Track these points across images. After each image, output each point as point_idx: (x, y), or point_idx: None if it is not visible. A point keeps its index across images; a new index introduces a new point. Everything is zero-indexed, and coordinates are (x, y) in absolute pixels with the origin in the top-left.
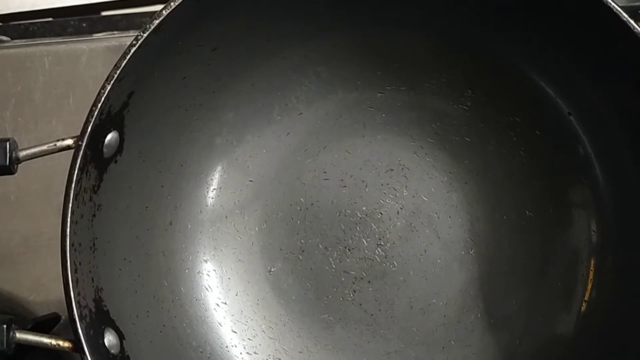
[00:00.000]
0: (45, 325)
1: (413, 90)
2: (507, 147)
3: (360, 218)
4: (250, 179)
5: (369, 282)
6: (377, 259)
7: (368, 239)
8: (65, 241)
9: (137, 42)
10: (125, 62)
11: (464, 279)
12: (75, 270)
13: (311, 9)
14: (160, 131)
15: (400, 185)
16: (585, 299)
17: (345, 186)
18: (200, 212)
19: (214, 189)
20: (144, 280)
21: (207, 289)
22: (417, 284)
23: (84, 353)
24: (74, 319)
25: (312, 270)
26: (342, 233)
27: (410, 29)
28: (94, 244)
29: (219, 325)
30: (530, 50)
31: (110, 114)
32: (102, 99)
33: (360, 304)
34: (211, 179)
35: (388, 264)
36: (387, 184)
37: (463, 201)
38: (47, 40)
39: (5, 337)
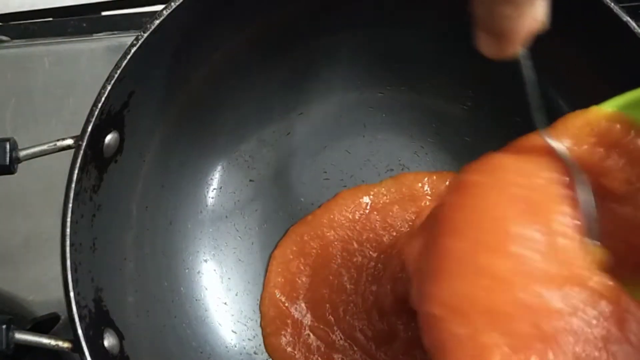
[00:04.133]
0: (44, 325)
1: (413, 90)
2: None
3: None
4: (250, 179)
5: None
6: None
7: None
8: (65, 241)
9: (137, 42)
10: (125, 62)
11: None
12: (75, 270)
13: (311, 9)
14: (160, 131)
15: None
16: None
17: (345, 186)
18: (200, 212)
19: (214, 189)
20: (144, 280)
21: (207, 289)
22: None
23: (84, 353)
24: (74, 319)
25: None
26: None
27: (411, 30)
28: (94, 244)
29: (219, 325)
30: (530, 50)
31: (110, 114)
32: (102, 99)
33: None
34: (211, 179)
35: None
36: None
37: None
38: (47, 40)
39: (4, 337)
